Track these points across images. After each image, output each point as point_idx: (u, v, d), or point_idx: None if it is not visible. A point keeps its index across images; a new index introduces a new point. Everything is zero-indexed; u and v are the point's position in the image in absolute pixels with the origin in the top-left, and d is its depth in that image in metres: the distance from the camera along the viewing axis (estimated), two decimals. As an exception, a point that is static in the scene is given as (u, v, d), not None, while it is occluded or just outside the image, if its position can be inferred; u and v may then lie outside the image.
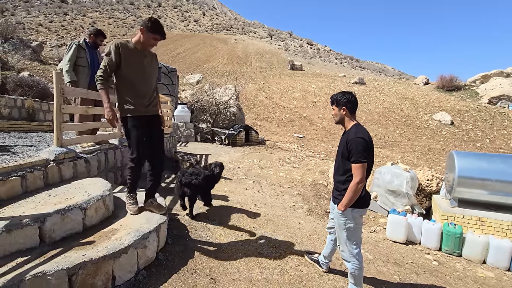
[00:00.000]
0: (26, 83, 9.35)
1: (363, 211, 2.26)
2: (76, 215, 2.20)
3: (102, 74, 2.42)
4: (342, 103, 2.31)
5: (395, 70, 67.82)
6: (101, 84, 2.43)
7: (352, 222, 2.23)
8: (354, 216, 2.22)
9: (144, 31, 2.44)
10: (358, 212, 2.22)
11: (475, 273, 3.63)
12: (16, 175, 2.37)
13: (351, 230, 2.24)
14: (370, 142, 2.17)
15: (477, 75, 22.43)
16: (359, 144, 2.11)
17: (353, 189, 2.11)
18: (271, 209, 4.50)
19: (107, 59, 2.42)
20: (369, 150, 2.15)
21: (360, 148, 2.10)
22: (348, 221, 2.23)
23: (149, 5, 73.44)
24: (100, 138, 4.05)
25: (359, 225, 2.27)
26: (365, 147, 2.11)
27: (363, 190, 2.16)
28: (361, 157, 2.10)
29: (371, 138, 2.21)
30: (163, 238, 2.62)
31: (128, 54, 2.46)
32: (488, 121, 16.50)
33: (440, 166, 10.63)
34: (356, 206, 2.19)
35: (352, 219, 2.22)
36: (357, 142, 2.12)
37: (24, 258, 1.78)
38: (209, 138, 11.88)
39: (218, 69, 32.84)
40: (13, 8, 48.10)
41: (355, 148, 2.11)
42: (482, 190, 4.67)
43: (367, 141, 2.14)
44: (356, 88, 23.78)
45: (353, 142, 2.14)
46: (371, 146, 2.18)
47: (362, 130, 2.21)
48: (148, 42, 2.49)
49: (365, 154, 2.11)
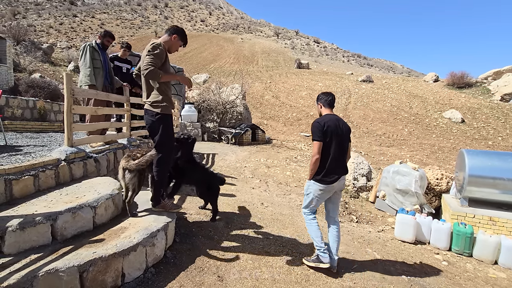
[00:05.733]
0: (38, 84, 9.58)
1: (321, 187, 2.66)
2: (87, 213, 2.25)
3: (155, 67, 2.47)
4: (318, 99, 2.93)
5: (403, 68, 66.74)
6: (159, 72, 2.50)
7: (311, 191, 2.72)
8: (313, 187, 2.70)
9: (177, 38, 2.71)
10: (316, 184, 2.68)
11: (486, 274, 3.56)
12: (29, 175, 2.44)
13: (309, 196, 2.76)
14: (328, 126, 2.62)
15: (489, 72, 21.87)
16: (314, 126, 2.67)
17: (311, 161, 2.66)
18: (278, 208, 4.50)
19: (157, 56, 2.49)
20: (324, 132, 2.60)
21: (315, 129, 2.64)
22: (309, 188, 2.74)
23: (156, 6, 74.07)
24: (109, 138, 4.12)
25: (317, 197, 2.72)
26: (319, 129, 2.61)
27: (322, 169, 2.63)
28: (315, 136, 2.62)
29: (334, 123, 2.66)
30: (171, 236, 2.65)
31: (166, 55, 2.67)
32: (500, 119, 16.09)
33: (450, 165, 10.44)
34: (316, 180, 2.67)
35: (312, 188, 2.71)
36: (313, 125, 2.68)
37: (37, 255, 1.84)
38: (216, 137, 11.93)
39: (225, 68, 32.93)
40: (25, 11, 49.19)
41: (312, 130, 2.70)
42: (494, 189, 4.57)
43: (321, 124, 2.62)
44: (363, 86, 23.52)
45: (311, 125, 2.72)
46: (328, 129, 2.62)
47: (325, 118, 2.70)
48: (175, 48, 2.76)
49: (318, 134, 2.60)
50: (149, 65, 2.44)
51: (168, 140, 2.71)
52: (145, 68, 2.44)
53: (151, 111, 2.64)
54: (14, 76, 11.11)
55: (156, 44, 2.54)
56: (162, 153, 2.67)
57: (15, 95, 7.87)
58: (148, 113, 2.66)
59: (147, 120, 2.70)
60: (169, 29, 2.74)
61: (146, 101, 2.67)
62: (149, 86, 2.65)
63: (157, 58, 2.50)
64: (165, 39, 2.70)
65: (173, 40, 2.70)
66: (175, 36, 2.70)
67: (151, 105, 2.63)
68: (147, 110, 2.68)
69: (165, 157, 2.71)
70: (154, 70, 2.46)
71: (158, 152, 2.65)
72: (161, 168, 2.72)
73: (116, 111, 4.73)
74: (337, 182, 2.67)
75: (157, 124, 2.65)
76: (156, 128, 2.66)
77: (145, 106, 2.70)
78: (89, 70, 3.85)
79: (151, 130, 2.71)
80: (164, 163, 2.73)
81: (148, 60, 2.46)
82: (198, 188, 3.55)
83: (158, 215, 2.66)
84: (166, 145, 2.70)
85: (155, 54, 2.49)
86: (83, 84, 3.87)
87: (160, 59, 2.55)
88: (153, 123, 2.65)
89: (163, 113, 2.65)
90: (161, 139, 2.66)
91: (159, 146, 2.66)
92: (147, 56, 2.49)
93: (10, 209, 2.10)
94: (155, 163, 2.71)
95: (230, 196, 4.62)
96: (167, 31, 2.74)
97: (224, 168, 6.76)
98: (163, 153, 2.67)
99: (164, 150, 2.68)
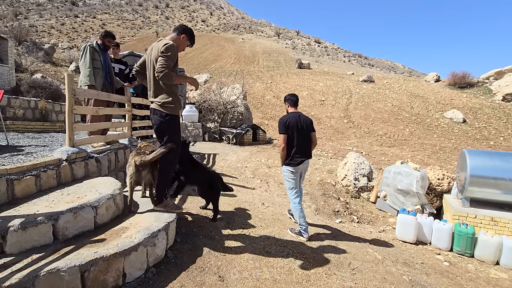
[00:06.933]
0: (39, 84, 9.61)
1: (291, 169, 3.42)
2: (88, 213, 2.25)
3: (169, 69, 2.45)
4: (286, 100, 3.66)
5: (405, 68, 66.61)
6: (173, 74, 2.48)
7: (285, 174, 3.50)
8: (286, 171, 3.46)
9: (185, 38, 2.69)
10: (287, 168, 3.45)
11: (488, 274, 3.55)
12: (31, 174, 2.45)
13: (286, 180, 3.52)
14: (289, 121, 3.37)
15: (491, 72, 21.79)
16: (279, 123, 3.47)
17: (280, 151, 3.44)
18: (279, 208, 4.50)
19: (170, 58, 2.47)
20: (286, 126, 3.36)
21: (280, 125, 3.43)
22: (284, 173, 3.52)
23: (157, 6, 74.15)
24: (110, 138, 4.13)
25: (291, 178, 3.47)
26: (282, 124, 3.39)
27: (289, 155, 3.40)
28: (280, 130, 3.40)
29: (295, 119, 3.40)
30: (172, 236, 2.65)
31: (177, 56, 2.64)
32: (502, 119, 16.04)
33: (451, 165, 10.42)
34: (285, 164, 3.44)
35: (286, 172, 3.48)
36: (279, 122, 3.48)
37: (38, 255, 1.84)
38: (217, 137, 11.94)
39: (226, 68, 32.94)
40: (26, 12, 49.32)
41: (278, 125, 3.47)
42: (495, 190, 4.56)
43: (284, 120, 3.40)
44: (364, 86, 23.49)
45: (278, 122, 3.50)
46: (290, 124, 3.36)
47: (288, 115, 3.47)
48: (182, 48, 2.74)
49: (283, 128, 3.37)
50: (164, 68, 2.41)
51: (176, 141, 2.72)
52: (160, 70, 2.42)
53: (160, 111, 2.62)
54: (16, 76, 11.15)
55: (169, 45, 2.49)
56: (169, 153, 2.67)
57: (17, 95, 7.90)
58: (157, 113, 2.64)
59: (155, 120, 2.68)
60: (177, 28, 2.71)
61: (155, 100, 2.64)
62: (158, 86, 2.62)
63: (170, 60, 2.48)
64: (173, 38, 2.66)
65: (182, 39, 2.68)
66: (183, 36, 2.67)
67: (161, 106, 2.61)
68: (155, 110, 2.65)
69: (172, 157, 2.71)
70: (169, 73, 2.44)
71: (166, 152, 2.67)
72: (167, 168, 2.72)
73: (118, 112, 4.74)
74: (301, 164, 3.45)
75: (166, 125, 2.65)
76: (164, 129, 2.66)
77: (153, 105, 2.67)
78: (88, 71, 3.86)
79: (159, 131, 2.71)
80: (171, 163, 2.74)
81: (162, 62, 2.43)
82: (200, 188, 3.56)
83: (159, 215, 2.67)
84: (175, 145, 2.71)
85: (169, 56, 2.46)
86: (83, 85, 3.88)
87: (173, 61, 2.52)
88: (162, 124, 2.65)
89: (172, 114, 2.65)
90: (170, 139, 2.67)
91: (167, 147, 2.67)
92: (160, 57, 2.45)
93: (12, 209, 2.11)
94: (161, 163, 2.72)
95: (231, 196, 4.62)
96: (175, 30, 2.71)
97: (225, 168, 6.76)
98: (170, 153, 2.68)
99: (172, 150, 2.69)
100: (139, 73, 2.88)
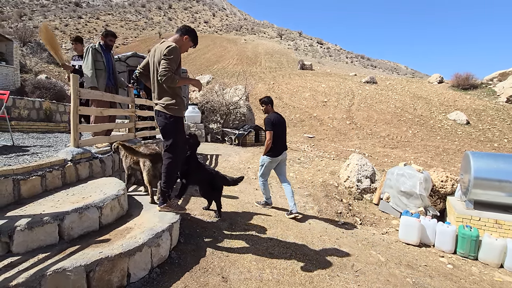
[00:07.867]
0: (44, 85, 9.69)
1: (271, 159, 4.15)
2: (93, 213, 2.27)
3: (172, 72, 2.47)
4: (267, 102, 4.34)
5: (407, 69, 66.39)
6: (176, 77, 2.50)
7: (264, 162, 4.20)
8: (266, 160, 4.16)
9: (188, 39, 2.69)
10: (267, 158, 4.16)
11: (492, 277, 3.53)
12: (37, 175, 2.48)
13: (262, 166, 4.23)
14: (274, 120, 4.12)
15: (495, 73, 21.64)
16: (267, 120, 4.13)
17: (266, 144, 4.12)
18: (281, 210, 4.50)
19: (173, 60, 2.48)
20: (273, 124, 4.07)
21: (268, 122, 4.10)
22: (263, 161, 4.21)
23: (160, 7, 74.54)
24: (114, 139, 4.15)
25: (267, 166, 4.22)
26: (270, 122, 4.07)
27: (273, 148, 4.09)
28: (267, 128, 4.09)
29: (278, 118, 4.21)
30: (175, 237, 2.67)
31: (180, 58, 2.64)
32: (506, 121, 15.93)
33: (455, 167, 10.36)
34: (267, 155, 4.15)
35: (265, 161, 4.18)
36: (266, 120, 4.15)
37: (44, 254, 1.86)
38: (219, 138, 11.96)
39: (228, 69, 33.01)
40: (31, 13, 49.75)
41: (265, 123, 4.16)
42: (500, 192, 4.52)
43: (271, 119, 4.11)
44: (367, 88, 23.43)
45: (264, 120, 4.21)
46: (275, 122, 4.10)
47: (272, 115, 4.20)
48: (185, 48, 2.74)
49: (270, 125, 4.06)
50: (166, 71, 2.42)
51: (180, 142, 2.73)
52: (163, 74, 2.43)
53: (164, 113, 2.64)
54: (21, 77, 11.25)
55: (172, 47, 2.49)
56: (173, 154, 2.68)
57: (21, 96, 7.98)
58: (161, 115, 2.66)
59: (160, 122, 2.69)
60: (180, 29, 2.71)
61: (159, 102, 2.65)
62: (162, 88, 2.63)
63: (173, 62, 2.48)
64: (176, 39, 2.67)
65: (185, 40, 2.68)
66: (186, 37, 2.68)
67: (165, 108, 2.63)
68: (159, 112, 2.66)
69: (176, 159, 2.72)
70: (172, 76, 2.45)
71: (171, 153, 2.68)
72: (171, 169, 2.73)
73: (122, 112, 4.77)
74: (281, 155, 4.17)
75: (170, 126, 2.66)
76: (169, 130, 2.68)
77: (157, 107, 2.68)
78: (90, 72, 3.90)
79: (164, 132, 2.72)
80: (175, 164, 2.74)
81: (165, 65, 2.43)
82: (202, 188, 3.57)
83: (163, 216, 2.68)
84: (179, 147, 2.72)
85: (171, 58, 2.47)
86: (85, 86, 3.92)
87: (176, 63, 2.53)
88: (166, 125, 2.67)
89: (176, 115, 2.66)
90: (174, 141, 2.68)
91: (172, 147, 2.68)
92: (163, 60, 2.45)
93: (18, 208, 2.14)
94: (165, 164, 2.72)
95: (233, 197, 4.63)
96: (178, 31, 2.71)
97: (227, 169, 6.77)
98: (175, 154, 2.69)
99: (177, 151, 2.70)
100: (143, 74, 2.89)
